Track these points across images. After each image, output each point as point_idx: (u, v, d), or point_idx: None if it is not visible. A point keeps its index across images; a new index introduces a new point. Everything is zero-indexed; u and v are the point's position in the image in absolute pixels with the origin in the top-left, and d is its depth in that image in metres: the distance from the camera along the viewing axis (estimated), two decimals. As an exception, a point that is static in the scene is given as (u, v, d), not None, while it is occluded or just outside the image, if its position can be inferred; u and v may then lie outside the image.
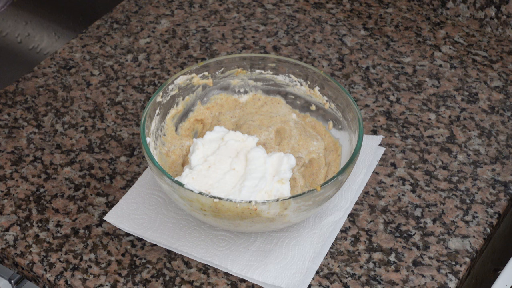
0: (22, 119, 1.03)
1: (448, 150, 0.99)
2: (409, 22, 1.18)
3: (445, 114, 1.04)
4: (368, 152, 0.97)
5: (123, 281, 0.85)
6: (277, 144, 0.93)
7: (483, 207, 0.93)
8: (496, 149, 0.99)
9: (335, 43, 1.14)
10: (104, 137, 1.01)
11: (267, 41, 1.14)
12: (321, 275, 0.86)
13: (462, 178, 0.96)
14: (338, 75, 1.09)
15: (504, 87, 1.07)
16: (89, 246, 0.89)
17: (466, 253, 0.88)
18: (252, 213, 0.80)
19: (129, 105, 1.05)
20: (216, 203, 0.80)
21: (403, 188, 0.95)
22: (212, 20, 1.18)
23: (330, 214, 0.90)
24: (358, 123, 0.87)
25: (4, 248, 0.89)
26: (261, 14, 1.19)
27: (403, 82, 1.08)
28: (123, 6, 1.21)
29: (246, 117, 0.96)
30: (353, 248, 0.89)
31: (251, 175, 0.85)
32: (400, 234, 0.90)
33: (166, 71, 1.09)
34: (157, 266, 0.87)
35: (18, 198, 0.94)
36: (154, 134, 0.90)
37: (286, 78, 0.96)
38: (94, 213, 0.92)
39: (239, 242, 0.88)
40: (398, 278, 0.86)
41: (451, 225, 0.91)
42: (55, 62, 1.11)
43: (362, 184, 0.94)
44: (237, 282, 0.86)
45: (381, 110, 1.04)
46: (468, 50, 1.13)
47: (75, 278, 0.86)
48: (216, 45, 1.14)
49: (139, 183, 0.94)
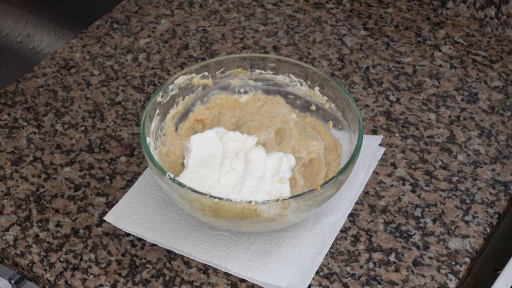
0: (22, 119, 1.03)
1: (448, 150, 0.99)
2: (409, 22, 1.18)
3: (445, 114, 1.04)
4: (368, 152, 0.97)
5: (123, 281, 0.86)
6: (277, 144, 0.93)
7: (483, 207, 0.93)
8: (496, 149, 0.99)
9: (335, 43, 1.14)
10: (104, 137, 1.01)
11: (267, 41, 1.14)
12: (321, 275, 0.86)
13: (462, 178, 0.96)
14: (338, 75, 1.09)
15: (504, 87, 1.07)
16: (89, 246, 0.89)
17: (466, 253, 0.88)
18: (252, 213, 0.80)
19: (129, 105, 1.05)
20: (216, 203, 0.80)
21: (403, 188, 0.95)
22: (212, 20, 1.18)
23: (330, 214, 0.90)
24: (358, 123, 0.87)
25: (4, 248, 0.89)
26: (261, 14, 1.19)
27: (403, 82, 1.08)
28: (123, 6, 1.21)
29: (246, 117, 0.96)
30: (353, 248, 0.89)
31: (251, 175, 0.85)
32: (400, 234, 0.90)
33: (166, 71, 1.09)
34: (157, 266, 0.87)
35: (18, 198, 0.94)
36: (154, 134, 0.90)
37: (286, 78, 0.96)
38: (94, 213, 0.92)
39: (239, 242, 0.88)
40: (398, 278, 0.86)
41: (451, 225, 0.91)
42: (55, 62, 1.11)
43: (362, 184, 0.94)
44: (237, 282, 0.86)
45: (381, 110, 1.04)
46: (468, 50, 1.13)
47: (75, 278, 0.86)
48: (216, 45, 1.14)
49: (139, 183, 0.94)
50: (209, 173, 0.86)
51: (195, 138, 0.89)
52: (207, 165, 0.87)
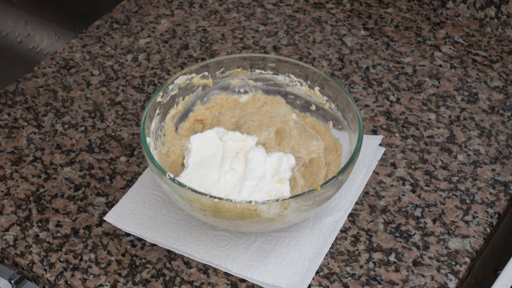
0: (22, 119, 1.03)
1: (448, 150, 0.99)
2: (409, 22, 1.18)
3: (445, 114, 1.04)
4: (368, 152, 0.97)
5: (123, 281, 0.85)
6: (277, 144, 0.93)
7: (483, 207, 0.93)
8: (496, 149, 0.99)
9: (335, 43, 1.14)
10: (104, 137, 1.01)
11: (267, 41, 1.14)
12: (321, 275, 0.86)
13: (462, 178, 0.96)
14: (338, 75, 1.09)
15: (504, 87, 1.07)
16: (89, 246, 0.89)
17: (466, 253, 0.88)
18: (252, 213, 0.80)
19: (129, 105, 1.05)
20: (216, 203, 0.80)
21: (403, 188, 0.95)
22: (212, 20, 1.18)
23: (330, 214, 0.90)
24: (358, 123, 0.87)
25: (4, 248, 0.89)
26: (261, 14, 1.19)
27: (403, 82, 1.08)
28: (123, 6, 1.21)
29: (246, 117, 0.96)
30: (353, 248, 0.89)
31: (251, 175, 0.85)
32: (400, 234, 0.90)
33: (166, 71, 1.09)
34: (157, 266, 0.87)
35: (18, 198, 0.94)
36: (154, 134, 0.90)
37: (286, 78, 0.96)
38: (94, 213, 0.92)
39: (239, 242, 0.88)
40: (398, 278, 0.86)
41: (451, 225, 0.91)
42: (55, 62, 1.11)
43: (362, 184, 0.94)
44: (237, 282, 0.86)
45: (381, 110, 1.04)
46: (468, 50, 1.13)
47: (75, 278, 0.86)
48: (216, 45, 1.14)
49: (139, 183, 0.94)
50: (209, 173, 0.86)
51: (195, 138, 0.89)
52: (207, 165, 0.87)
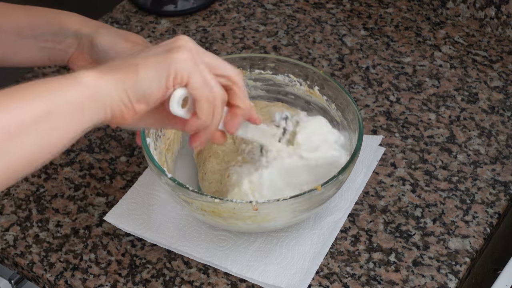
0: (22, 119, 1.03)
1: (448, 150, 0.99)
2: (409, 22, 1.18)
3: (445, 114, 1.03)
4: (368, 152, 0.97)
5: (123, 281, 0.85)
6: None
7: (483, 207, 0.93)
8: (496, 149, 0.99)
9: (335, 43, 1.14)
10: (104, 137, 1.01)
11: (267, 41, 1.14)
12: (321, 275, 0.86)
13: (462, 178, 0.96)
14: (338, 75, 1.09)
15: (504, 87, 1.07)
16: (89, 246, 0.89)
17: (466, 253, 0.88)
18: (252, 213, 0.80)
19: (129, 105, 1.04)
20: (216, 203, 0.80)
21: (403, 188, 0.95)
22: (212, 20, 1.18)
23: (330, 214, 0.90)
24: (358, 123, 0.87)
25: (4, 248, 0.89)
26: (261, 14, 1.19)
27: (403, 82, 1.08)
28: (123, 6, 1.21)
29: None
30: (353, 248, 0.89)
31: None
32: (400, 234, 0.90)
33: (166, 71, 1.09)
34: (157, 266, 0.87)
35: (18, 198, 0.94)
36: (154, 134, 0.90)
37: (286, 78, 0.96)
38: (94, 213, 0.92)
39: (239, 242, 0.88)
40: (398, 278, 0.86)
41: (451, 225, 0.91)
42: (55, 62, 1.11)
43: (362, 184, 0.94)
44: (237, 282, 0.86)
45: (381, 110, 1.04)
46: (468, 50, 1.13)
47: (75, 278, 0.86)
48: (216, 45, 1.14)
49: (139, 183, 0.94)
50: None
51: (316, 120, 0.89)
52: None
